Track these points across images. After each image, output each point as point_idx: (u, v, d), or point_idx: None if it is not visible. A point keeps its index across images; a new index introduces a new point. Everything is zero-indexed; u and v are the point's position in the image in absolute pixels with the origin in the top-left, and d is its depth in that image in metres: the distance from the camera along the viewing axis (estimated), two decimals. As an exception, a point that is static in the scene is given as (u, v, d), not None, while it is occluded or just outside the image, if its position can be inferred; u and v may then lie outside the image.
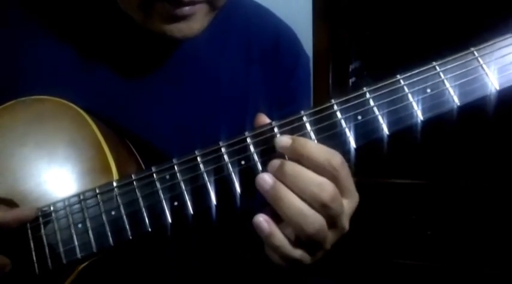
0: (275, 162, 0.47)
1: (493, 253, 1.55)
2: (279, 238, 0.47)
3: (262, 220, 0.47)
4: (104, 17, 0.64)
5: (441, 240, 1.61)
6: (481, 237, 1.56)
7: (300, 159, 0.46)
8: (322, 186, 0.45)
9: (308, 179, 0.45)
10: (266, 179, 0.47)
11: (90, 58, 0.64)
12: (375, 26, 1.71)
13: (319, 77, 1.64)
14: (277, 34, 0.76)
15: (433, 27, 1.55)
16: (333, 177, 0.45)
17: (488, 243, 1.55)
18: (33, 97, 0.60)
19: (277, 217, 0.47)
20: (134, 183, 0.52)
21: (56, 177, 0.56)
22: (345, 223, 0.48)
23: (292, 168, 0.46)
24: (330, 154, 0.46)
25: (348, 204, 0.48)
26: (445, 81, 0.47)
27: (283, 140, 0.47)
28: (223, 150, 0.50)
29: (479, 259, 1.56)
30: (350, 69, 1.73)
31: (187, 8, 0.54)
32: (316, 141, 0.48)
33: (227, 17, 0.71)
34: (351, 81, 1.73)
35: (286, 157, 0.47)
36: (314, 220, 0.45)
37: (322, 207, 0.45)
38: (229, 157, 0.50)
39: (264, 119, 0.51)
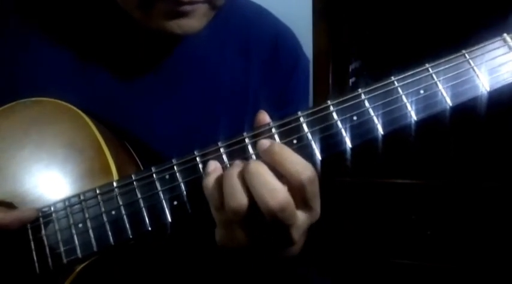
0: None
1: (493, 253, 1.55)
2: (211, 181, 0.47)
3: (215, 161, 0.49)
4: (102, 17, 0.65)
5: (441, 240, 1.61)
6: (481, 237, 1.56)
7: (274, 164, 0.45)
8: (274, 193, 0.43)
9: (263, 181, 0.44)
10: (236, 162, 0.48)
11: (89, 59, 0.65)
12: (375, 26, 1.71)
13: (319, 77, 1.65)
14: (276, 35, 0.76)
15: (433, 27, 1.55)
16: (298, 189, 0.45)
17: (488, 243, 1.55)
18: (33, 99, 0.60)
19: None
20: (134, 183, 0.53)
21: (55, 177, 0.57)
22: (295, 236, 0.46)
23: (255, 166, 0.45)
24: (301, 166, 0.45)
25: (305, 218, 0.46)
26: (438, 82, 0.48)
27: (262, 143, 0.47)
28: (222, 150, 0.51)
29: (479, 259, 1.57)
30: (350, 69, 1.73)
31: (187, 6, 0.55)
32: (313, 142, 0.49)
33: (226, 17, 0.71)
34: (351, 81, 1.73)
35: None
36: (239, 202, 0.44)
37: (268, 212, 0.43)
38: (228, 158, 0.50)
39: (265, 117, 0.51)
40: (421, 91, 0.48)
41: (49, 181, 0.57)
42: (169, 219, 0.51)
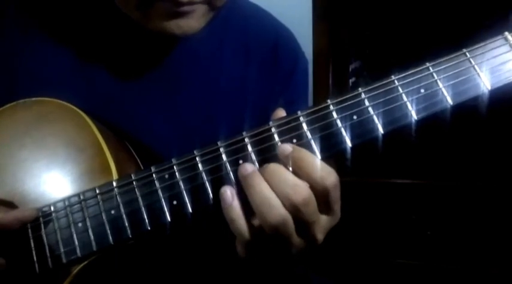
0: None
1: (493, 253, 1.55)
2: (237, 212, 0.47)
3: (228, 191, 0.48)
4: (102, 18, 0.65)
5: (441, 240, 1.61)
6: (481, 237, 1.56)
7: (297, 169, 0.47)
8: (296, 188, 0.45)
9: (285, 179, 0.46)
10: (247, 167, 0.48)
11: (88, 59, 0.64)
12: (375, 26, 1.71)
13: (319, 77, 1.65)
14: (276, 37, 0.76)
15: (433, 27, 1.55)
16: (322, 194, 0.46)
17: (488, 243, 1.56)
18: (33, 99, 0.60)
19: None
20: (134, 182, 0.52)
21: (55, 177, 0.57)
22: (318, 234, 0.48)
23: (274, 166, 0.47)
24: (325, 172, 0.46)
25: (328, 221, 0.49)
26: (438, 81, 0.48)
27: (284, 148, 0.48)
28: (221, 149, 0.51)
29: (479, 259, 1.57)
30: (350, 69, 1.73)
31: (186, 7, 0.55)
32: (312, 141, 0.49)
33: (226, 18, 0.71)
34: (351, 81, 1.74)
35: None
36: (278, 212, 0.45)
37: (293, 208, 0.45)
38: (228, 157, 0.50)
39: (282, 114, 0.52)
40: (422, 90, 0.48)
41: (49, 180, 0.57)
42: (169, 219, 0.51)
